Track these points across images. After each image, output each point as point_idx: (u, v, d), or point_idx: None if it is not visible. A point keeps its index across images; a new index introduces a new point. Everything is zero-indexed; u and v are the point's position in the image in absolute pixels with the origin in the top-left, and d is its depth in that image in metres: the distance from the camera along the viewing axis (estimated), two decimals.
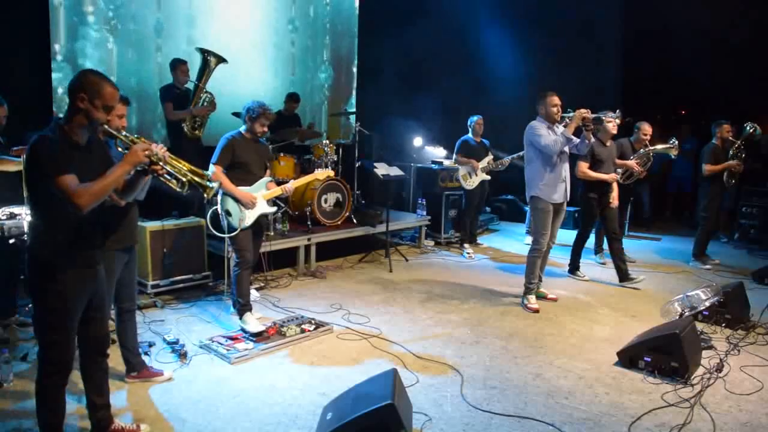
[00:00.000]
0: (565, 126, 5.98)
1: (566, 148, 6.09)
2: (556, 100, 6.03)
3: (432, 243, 9.08)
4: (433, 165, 9.61)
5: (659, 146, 7.38)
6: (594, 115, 5.97)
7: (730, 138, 8.05)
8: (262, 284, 6.58)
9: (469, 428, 3.76)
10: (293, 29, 9.76)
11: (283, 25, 9.60)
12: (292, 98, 8.72)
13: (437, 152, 10.30)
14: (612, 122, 6.42)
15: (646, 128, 7.58)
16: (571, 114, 5.96)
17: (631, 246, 8.71)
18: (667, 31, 10.37)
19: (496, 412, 3.96)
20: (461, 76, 11.05)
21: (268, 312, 5.77)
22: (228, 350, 4.66)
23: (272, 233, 6.94)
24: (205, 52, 7.11)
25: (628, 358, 4.76)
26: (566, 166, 6.15)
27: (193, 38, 8.31)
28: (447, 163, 9.59)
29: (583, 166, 6.89)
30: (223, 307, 5.79)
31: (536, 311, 6.08)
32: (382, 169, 8.04)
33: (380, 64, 10.47)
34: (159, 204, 5.74)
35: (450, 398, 4.14)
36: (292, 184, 5.63)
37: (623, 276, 7.07)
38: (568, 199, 6.25)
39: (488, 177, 8.72)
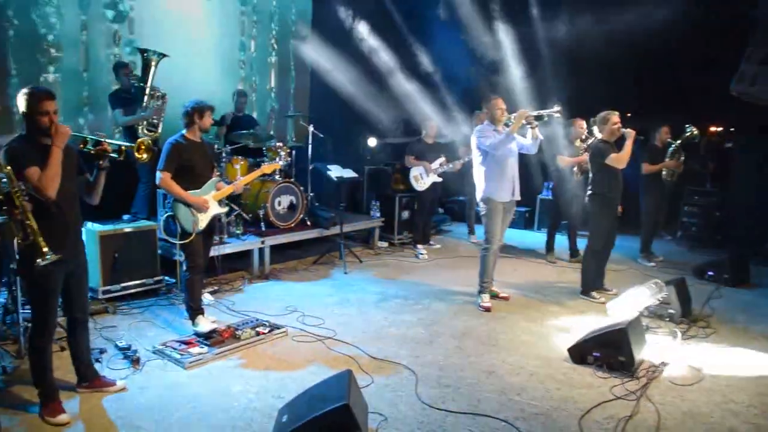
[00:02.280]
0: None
1: (516, 149, 6.24)
2: (500, 103, 6.26)
3: (386, 244, 9.15)
4: (386, 166, 9.67)
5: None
6: (535, 113, 6.15)
7: (669, 139, 8.39)
8: (216, 288, 6.53)
9: (424, 427, 3.83)
10: (242, 31, 9.68)
11: (232, 26, 9.51)
12: (240, 95, 8.63)
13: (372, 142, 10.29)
14: (617, 125, 6.59)
15: (581, 123, 8.16)
16: (514, 115, 6.13)
17: (563, 240, 8.97)
18: (608, 35, 10.63)
19: (450, 410, 4.04)
20: (417, 78, 11.13)
21: (223, 316, 5.74)
22: (182, 355, 4.63)
23: (225, 236, 6.90)
24: (143, 52, 7.00)
25: (578, 353, 4.90)
26: (515, 166, 6.31)
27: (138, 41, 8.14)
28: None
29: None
30: (177, 312, 5.74)
31: (488, 310, 6.20)
32: (335, 171, 8.06)
33: (334, 65, 10.45)
34: (110, 208, 5.67)
35: (405, 398, 4.20)
36: (241, 182, 5.66)
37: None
38: (518, 198, 6.40)
39: (440, 179, 8.82)
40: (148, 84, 6.98)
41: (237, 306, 6.06)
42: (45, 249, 3.40)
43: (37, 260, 3.37)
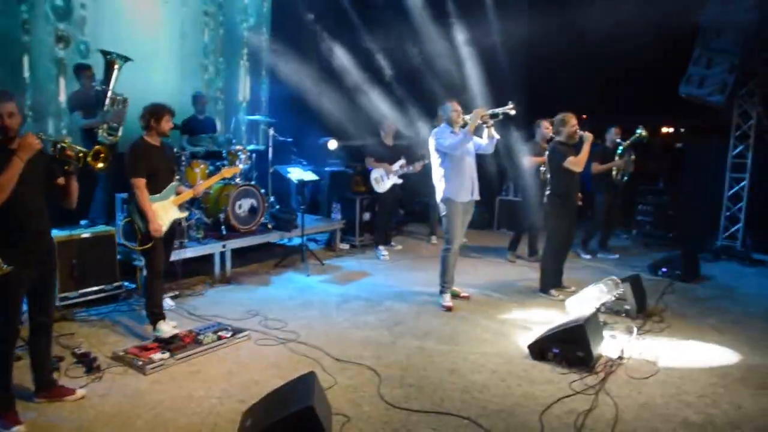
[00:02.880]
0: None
1: (473, 149, 6.35)
2: (456, 105, 6.39)
3: (347, 246, 9.16)
4: (346, 168, 9.69)
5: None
6: (490, 111, 6.27)
7: (618, 140, 8.61)
8: (177, 293, 6.47)
9: (388, 426, 3.87)
10: (202, 33, 9.59)
11: (191, 28, 9.41)
12: (199, 97, 8.50)
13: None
14: (575, 127, 6.71)
15: (546, 123, 8.22)
16: (470, 115, 6.23)
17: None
18: (565, 37, 10.84)
19: (414, 410, 4.09)
20: (376, 79, 11.18)
21: (184, 321, 5.69)
22: (143, 361, 4.58)
23: (186, 240, 6.84)
24: (107, 54, 6.90)
25: (538, 350, 5.00)
26: (473, 167, 6.42)
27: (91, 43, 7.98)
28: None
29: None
30: (137, 318, 5.67)
31: (449, 309, 6.27)
32: (296, 174, 8.05)
33: (294, 68, 10.43)
34: (67, 213, 5.56)
35: (368, 398, 4.24)
36: (200, 186, 5.64)
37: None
38: (477, 197, 6.51)
39: (400, 180, 8.88)
40: (110, 87, 6.87)
41: (198, 311, 6.02)
42: None
43: None
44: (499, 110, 6.24)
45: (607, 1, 10.25)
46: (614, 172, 8.71)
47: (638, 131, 8.62)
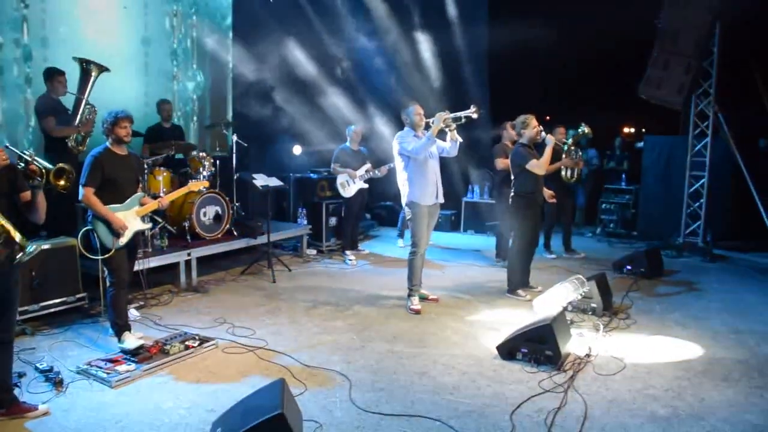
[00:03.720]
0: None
1: (436, 153, 6.40)
2: (418, 108, 6.41)
3: (314, 252, 9.12)
4: (311, 174, 9.65)
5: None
6: (453, 115, 6.29)
7: (563, 140, 8.74)
8: (142, 303, 6.35)
9: (360, 431, 3.85)
10: (164, 37, 9.45)
11: (152, 32, 9.26)
12: (163, 104, 8.37)
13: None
14: (537, 128, 6.77)
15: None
16: (433, 118, 6.25)
17: (488, 242, 9.20)
18: (525, 41, 10.99)
19: (385, 413, 4.07)
20: (341, 85, 11.18)
21: (150, 331, 5.59)
22: (108, 374, 4.49)
23: (150, 249, 6.73)
24: (83, 62, 6.75)
25: (507, 350, 5.03)
26: (437, 170, 6.45)
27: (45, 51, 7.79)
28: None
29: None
30: (101, 330, 5.54)
31: (418, 312, 6.28)
32: (260, 180, 8.00)
33: (258, 72, 10.37)
34: (27, 224, 5.42)
35: (339, 403, 4.21)
36: (166, 198, 5.55)
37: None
38: (442, 200, 6.54)
39: (366, 185, 8.87)
40: (86, 96, 6.74)
41: (164, 320, 5.92)
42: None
43: None
44: (462, 114, 6.28)
45: (567, 6, 10.45)
46: (563, 172, 8.80)
47: (581, 128, 8.73)
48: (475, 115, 6.28)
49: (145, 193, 5.52)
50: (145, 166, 7.00)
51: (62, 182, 4.04)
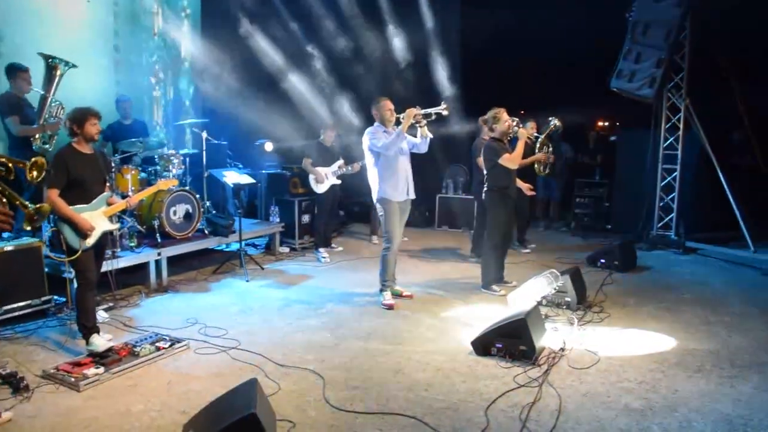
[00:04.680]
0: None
1: (407, 148, 6.39)
2: (389, 104, 6.40)
3: (287, 249, 9.03)
4: (283, 171, 9.54)
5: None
6: (423, 111, 6.30)
7: (535, 134, 8.75)
8: (111, 304, 6.22)
9: (334, 430, 3.80)
10: (129, 33, 9.27)
11: (118, 27, 9.08)
12: (123, 101, 8.23)
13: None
14: (508, 122, 6.75)
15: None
16: (403, 114, 6.24)
17: (463, 238, 9.19)
18: (498, 35, 11.01)
19: (359, 411, 4.03)
20: (312, 80, 11.09)
21: (120, 333, 5.49)
22: (76, 378, 4.38)
23: (119, 249, 6.60)
24: (49, 58, 6.58)
25: (481, 346, 5.01)
26: (407, 166, 6.46)
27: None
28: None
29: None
30: (69, 333, 5.40)
31: (391, 307, 6.27)
32: (231, 178, 7.89)
33: (228, 68, 10.24)
34: None
35: (313, 402, 4.16)
36: (134, 198, 5.43)
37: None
38: (413, 196, 6.55)
39: (338, 181, 8.80)
40: (51, 93, 6.58)
41: (134, 322, 5.81)
42: None
43: None
44: (432, 110, 6.29)
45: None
46: (536, 166, 8.81)
47: (551, 122, 8.75)
48: (445, 113, 6.29)
49: (112, 193, 5.40)
50: (112, 164, 6.86)
51: (35, 173, 3.93)
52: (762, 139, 10.43)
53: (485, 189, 6.86)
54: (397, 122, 6.29)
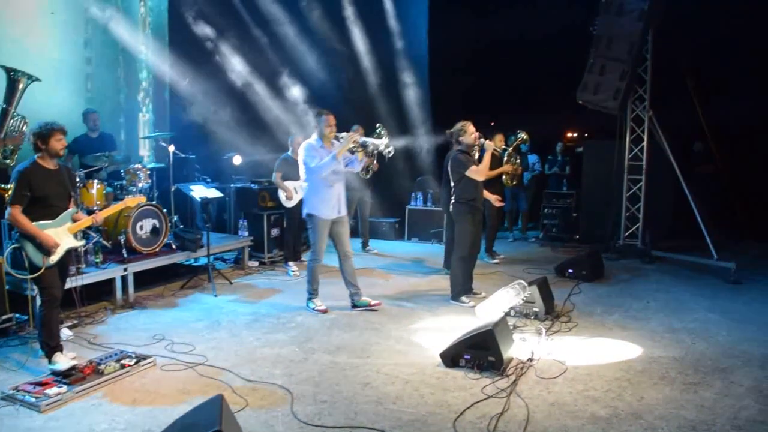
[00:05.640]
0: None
1: (342, 167, 6.49)
2: (331, 120, 6.48)
3: (256, 263, 8.96)
4: (252, 185, 9.49)
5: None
6: (363, 140, 6.52)
7: (503, 146, 8.85)
8: (76, 321, 6.10)
9: None
10: (95, 46, 9.18)
11: (80, 41, 8.99)
12: (90, 114, 8.14)
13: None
14: (474, 134, 6.81)
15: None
16: (344, 135, 6.41)
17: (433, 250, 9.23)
18: (467, 47, 11.13)
19: (327, 426, 4.01)
20: (281, 94, 11.07)
21: (84, 351, 5.38)
22: (37, 397, 4.28)
23: (84, 265, 6.50)
24: (11, 71, 6.47)
25: (450, 357, 5.02)
26: (342, 184, 6.58)
27: None
28: None
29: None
30: (30, 352, 5.29)
31: (324, 311, 6.48)
32: (199, 192, 7.82)
33: (194, 82, 10.18)
34: None
35: (281, 418, 4.12)
36: (101, 214, 5.34)
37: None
38: (344, 214, 6.67)
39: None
40: (13, 107, 6.45)
41: (99, 339, 5.71)
42: None
43: None
44: (371, 142, 6.53)
45: (508, 12, 10.61)
46: (504, 178, 8.88)
47: (519, 135, 8.86)
48: (386, 150, 6.48)
49: (78, 208, 5.32)
50: (78, 178, 6.77)
51: None
52: (723, 148, 10.68)
53: (452, 201, 6.90)
54: (337, 138, 6.43)
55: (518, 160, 8.93)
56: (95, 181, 7.16)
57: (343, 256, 6.73)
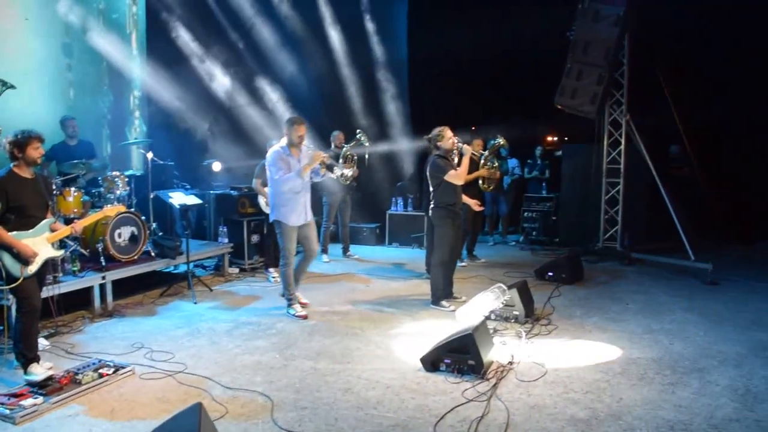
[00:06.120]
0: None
1: (307, 177, 6.57)
2: (301, 130, 6.53)
3: (237, 270, 8.91)
4: (232, 191, 9.44)
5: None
6: (329, 161, 6.85)
7: (480, 151, 8.90)
8: (53, 331, 6.03)
9: None
10: (70, 53, 9.11)
11: (57, 47, 8.92)
12: (68, 120, 8.04)
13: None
14: (452, 139, 6.84)
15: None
16: (311, 150, 6.59)
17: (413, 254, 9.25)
18: (448, 54, 11.17)
19: None
20: (260, 101, 11.06)
21: (61, 361, 5.31)
22: (12, 409, 4.21)
23: (60, 274, 6.42)
24: None
25: (430, 362, 5.02)
26: (307, 193, 6.67)
27: None
28: None
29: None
30: (5, 363, 5.21)
31: (304, 317, 6.50)
32: (178, 199, 7.77)
33: (174, 89, 10.13)
34: None
35: (261, 425, 4.11)
36: (79, 224, 5.27)
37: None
38: (310, 220, 6.75)
39: None
40: None
41: (77, 348, 5.65)
42: None
43: None
44: (335, 165, 6.98)
45: (488, 17, 10.67)
46: (481, 182, 8.90)
47: (496, 140, 8.90)
48: (349, 173, 6.95)
49: (56, 217, 5.26)
50: (54, 186, 6.70)
51: None
52: (698, 151, 10.81)
53: (432, 206, 6.92)
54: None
55: (495, 165, 8.95)
56: (73, 188, 7.09)
57: (309, 254, 6.85)
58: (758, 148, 11.11)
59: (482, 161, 8.77)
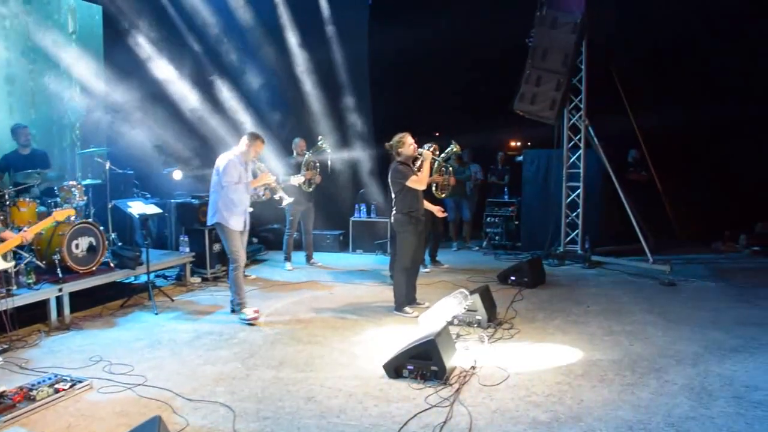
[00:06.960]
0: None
1: (252, 191, 7.06)
2: (259, 147, 6.93)
3: (199, 279, 8.79)
4: (193, 200, 9.32)
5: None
6: (275, 184, 7.46)
7: (436, 156, 8.91)
8: (6, 346, 5.85)
9: None
10: (32, 60, 8.94)
11: (14, 54, 8.73)
12: (20, 129, 7.85)
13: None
14: (412, 145, 6.86)
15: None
16: (262, 169, 7.11)
17: (377, 261, 9.24)
18: (408, 57, 11.23)
19: None
20: (220, 107, 10.96)
21: (15, 377, 5.15)
22: None
23: (14, 287, 6.25)
24: None
25: (393, 368, 5.02)
26: (247, 201, 6.94)
27: None
28: None
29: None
30: None
31: (256, 318, 6.63)
32: (137, 208, 7.65)
33: (132, 96, 9.98)
34: None
35: None
36: (30, 231, 5.17)
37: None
38: (248, 227, 7.03)
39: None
40: None
41: (32, 363, 5.48)
42: None
43: None
44: (279, 189, 7.57)
45: (448, 24, 10.75)
46: (434, 188, 8.83)
47: (451, 146, 8.91)
48: (285, 198, 7.58)
49: (6, 228, 5.13)
50: (6, 197, 6.53)
51: None
52: (655, 155, 11.04)
53: (393, 212, 6.93)
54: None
55: (450, 170, 8.95)
56: (27, 199, 6.93)
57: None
58: (712, 151, 11.40)
59: (435, 166, 8.77)
